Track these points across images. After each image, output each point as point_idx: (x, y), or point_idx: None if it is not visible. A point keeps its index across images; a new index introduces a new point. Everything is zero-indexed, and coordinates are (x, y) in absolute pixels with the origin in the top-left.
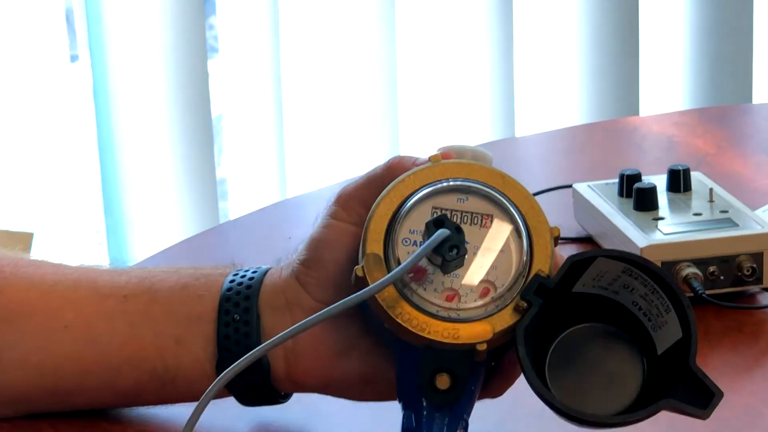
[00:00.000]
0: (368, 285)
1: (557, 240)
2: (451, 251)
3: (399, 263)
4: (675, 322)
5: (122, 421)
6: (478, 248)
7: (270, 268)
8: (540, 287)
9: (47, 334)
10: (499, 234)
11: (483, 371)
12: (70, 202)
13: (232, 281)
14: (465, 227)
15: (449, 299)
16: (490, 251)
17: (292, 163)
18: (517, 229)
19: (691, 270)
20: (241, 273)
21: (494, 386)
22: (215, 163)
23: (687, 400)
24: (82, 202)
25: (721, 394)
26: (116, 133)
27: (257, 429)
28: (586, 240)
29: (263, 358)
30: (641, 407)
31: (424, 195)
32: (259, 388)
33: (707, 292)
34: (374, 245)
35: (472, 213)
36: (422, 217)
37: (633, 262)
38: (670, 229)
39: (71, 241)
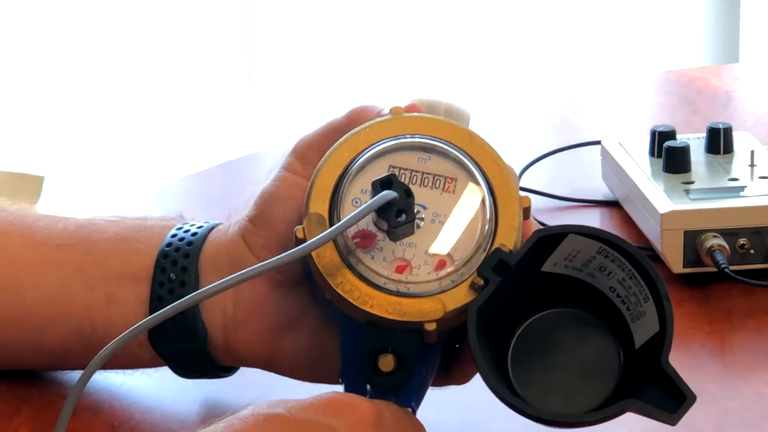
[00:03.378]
0: None
1: (527, 211)
2: (398, 216)
3: None
4: (653, 313)
5: (57, 383)
6: (437, 215)
7: (218, 224)
8: (499, 263)
9: None
10: (462, 200)
11: (437, 354)
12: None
13: (173, 236)
14: (425, 190)
15: (399, 270)
16: (451, 219)
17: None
18: (482, 197)
19: (717, 241)
20: (186, 227)
21: (458, 372)
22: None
23: (655, 402)
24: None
25: (693, 398)
26: None
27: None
28: (613, 204)
29: (199, 325)
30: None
31: (380, 151)
32: (195, 358)
33: (734, 267)
34: (318, 204)
35: (434, 175)
36: (377, 175)
37: (607, 241)
38: (700, 194)
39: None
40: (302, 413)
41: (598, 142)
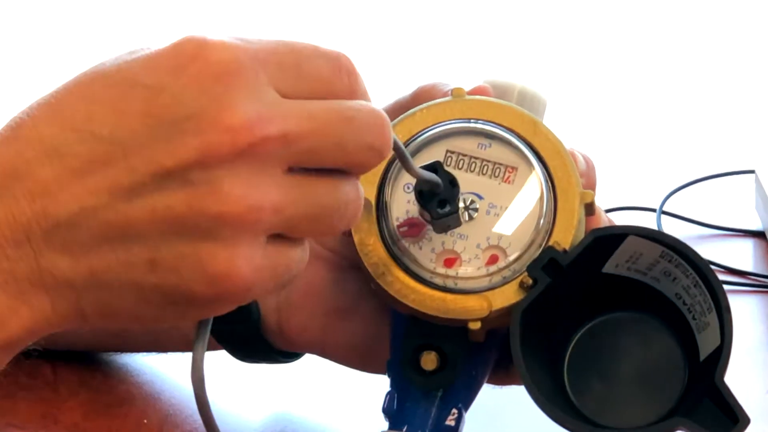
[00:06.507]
0: (353, 235)
1: (591, 207)
2: (440, 207)
3: (390, 214)
4: (716, 325)
5: (122, 368)
6: (493, 206)
7: None
8: (551, 263)
9: None
10: (520, 192)
11: (490, 353)
12: None
13: None
14: (483, 179)
15: (448, 264)
16: (507, 211)
17: None
18: (541, 190)
19: None
20: None
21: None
22: None
23: (707, 422)
24: None
25: (747, 421)
26: None
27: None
28: (760, 234)
29: (252, 306)
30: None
31: (438, 134)
32: (250, 341)
33: None
34: (365, 187)
35: (493, 163)
36: (432, 160)
37: (670, 246)
38: None
39: None
40: (131, 70)
41: (752, 171)
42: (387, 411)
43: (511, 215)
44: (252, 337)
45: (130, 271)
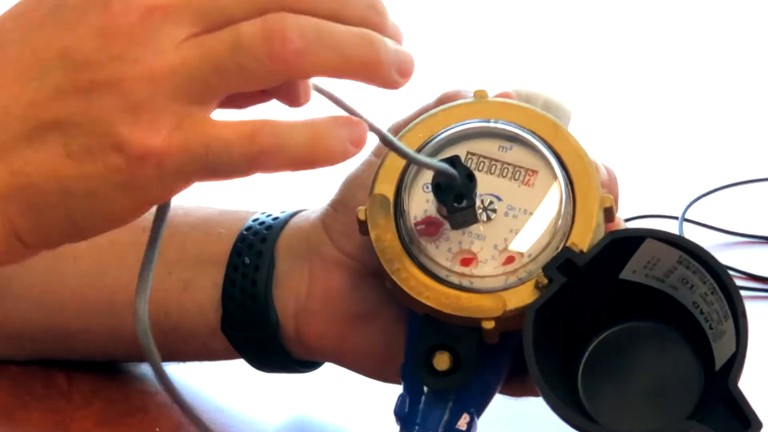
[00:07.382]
0: (370, 232)
1: (610, 213)
2: (457, 201)
3: (408, 212)
4: (732, 332)
5: (138, 377)
6: (512, 208)
7: (302, 210)
8: (567, 263)
9: (54, 264)
10: (540, 195)
11: (504, 359)
12: None
13: (255, 220)
14: (502, 181)
15: (464, 263)
16: (526, 214)
17: None
18: (561, 193)
19: None
20: (269, 212)
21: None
22: None
23: (718, 425)
24: None
25: (759, 426)
26: None
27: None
28: None
29: (271, 313)
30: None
31: (458, 134)
32: (268, 349)
33: None
34: (384, 185)
35: (514, 166)
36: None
37: (687, 250)
38: None
39: None
40: None
41: None
42: (398, 413)
43: (529, 217)
44: (269, 344)
45: (49, 162)
